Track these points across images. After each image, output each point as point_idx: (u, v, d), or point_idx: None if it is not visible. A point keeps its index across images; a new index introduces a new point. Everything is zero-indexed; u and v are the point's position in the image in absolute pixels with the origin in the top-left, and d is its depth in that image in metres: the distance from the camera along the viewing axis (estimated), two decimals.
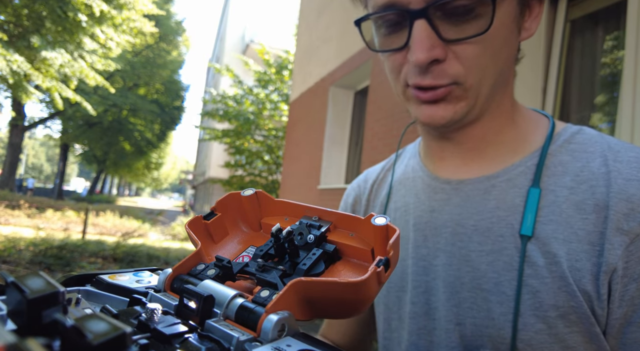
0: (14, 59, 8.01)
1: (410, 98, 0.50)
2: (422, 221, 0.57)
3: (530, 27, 0.50)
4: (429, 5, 0.43)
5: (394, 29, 0.48)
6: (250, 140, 10.69)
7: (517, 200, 0.50)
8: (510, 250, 0.48)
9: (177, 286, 0.34)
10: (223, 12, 27.96)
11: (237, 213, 0.45)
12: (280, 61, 10.68)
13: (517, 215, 0.49)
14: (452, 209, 0.54)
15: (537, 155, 0.51)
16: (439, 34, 0.44)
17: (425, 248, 0.56)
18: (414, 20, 0.44)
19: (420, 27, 0.44)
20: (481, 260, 0.50)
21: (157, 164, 31.95)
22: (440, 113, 0.48)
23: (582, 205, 0.46)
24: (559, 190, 0.48)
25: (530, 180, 0.50)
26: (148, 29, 11.13)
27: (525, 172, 0.51)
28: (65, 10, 8.79)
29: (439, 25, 0.44)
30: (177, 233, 10.49)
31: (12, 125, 16.41)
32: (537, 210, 0.48)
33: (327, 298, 0.31)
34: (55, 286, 0.21)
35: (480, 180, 0.53)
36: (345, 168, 5.30)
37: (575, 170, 0.48)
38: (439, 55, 0.44)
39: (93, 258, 5.71)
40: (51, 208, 11.73)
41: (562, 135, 0.52)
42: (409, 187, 0.62)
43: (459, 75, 0.46)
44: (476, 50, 0.45)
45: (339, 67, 5.03)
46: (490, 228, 0.51)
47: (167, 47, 23.42)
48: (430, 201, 0.57)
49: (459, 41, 0.44)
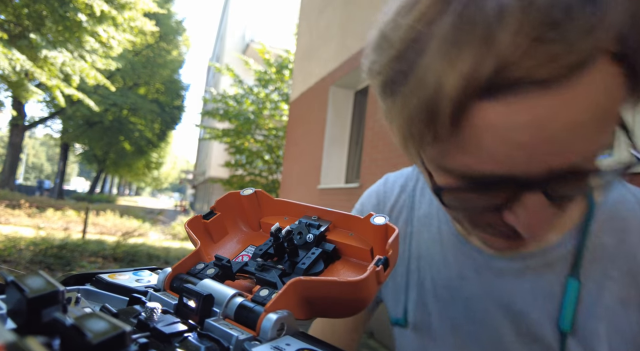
0: (16, 57, 8.02)
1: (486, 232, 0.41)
2: (451, 284, 0.52)
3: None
4: (552, 178, 0.32)
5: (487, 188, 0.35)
6: (250, 139, 10.69)
7: (555, 288, 0.45)
8: (547, 339, 0.45)
9: (176, 286, 0.34)
10: (223, 12, 27.96)
11: (237, 213, 0.45)
12: (280, 60, 10.68)
13: (555, 303, 0.45)
14: (484, 283, 0.49)
15: (575, 234, 0.45)
16: (553, 202, 0.34)
17: (455, 311, 0.52)
18: (526, 191, 0.33)
19: (536, 202, 0.33)
20: (512, 340, 0.47)
21: (157, 164, 31.94)
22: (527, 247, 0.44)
23: (627, 301, 0.42)
24: (600, 279, 0.43)
25: (569, 265, 0.45)
26: (149, 28, 11.14)
27: (564, 256, 0.45)
28: (66, 9, 8.79)
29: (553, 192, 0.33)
30: (177, 232, 10.50)
31: (13, 125, 16.41)
32: (577, 302, 0.43)
33: (326, 297, 0.31)
34: (55, 286, 0.21)
35: (515, 259, 0.48)
36: (345, 168, 5.30)
37: (620, 257, 0.43)
38: (551, 220, 0.35)
39: (93, 257, 5.71)
40: (51, 207, 11.74)
41: (604, 207, 0.45)
42: (433, 236, 0.55)
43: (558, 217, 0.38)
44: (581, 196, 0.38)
45: (340, 66, 5.03)
46: (524, 311, 0.46)
47: (168, 47, 23.41)
48: (459, 266, 0.52)
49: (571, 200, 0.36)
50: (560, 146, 0.30)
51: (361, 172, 4.21)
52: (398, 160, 3.45)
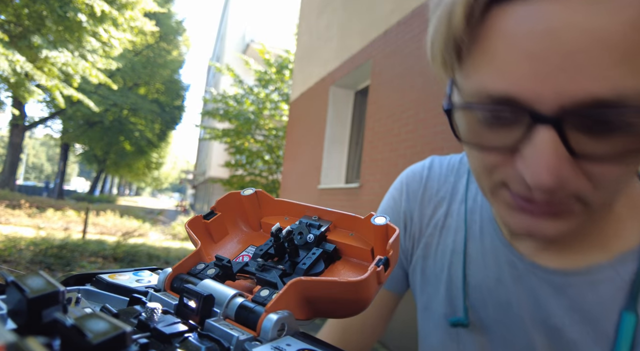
0: (16, 59, 8.03)
1: (503, 200, 0.38)
2: (486, 286, 0.50)
3: None
4: (565, 112, 0.29)
5: (501, 122, 0.34)
6: (250, 139, 10.69)
7: (600, 311, 0.41)
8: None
9: (177, 286, 0.34)
10: (223, 12, 27.96)
11: (237, 213, 0.45)
12: (280, 61, 10.68)
13: (597, 328, 0.42)
14: (520, 291, 0.47)
15: (634, 259, 0.41)
16: (570, 148, 0.31)
17: (484, 312, 0.50)
18: (538, 125, 0.31)
19: (546, 138, 0.31)
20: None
21: (157, 164, 31.96)
22: (544, 230, 0.37)
23: None
24: None
25: (618, 289, 0.41)
26: (149, 28, 11.15)
27: (614, 278, 0.41)
28: (66, 10, 8.80)
29: (570, 136, 0.30)
30: (178, 232, 10.50)
31: (13, 125, 16.42)
32: (634, 339, 0.39)
33: (326, 297, 0.31)
34: (55, 286, 0.21)
35: (557, 272, 0.44)
36: (345, 168, 5.30)
37: None
38: (568, 176, 0.32)
39: (93, 257, 5.71)
40: (51, 207, 11.74)
41: None
42: (474, 234, 0.53)
43: (586, 195, 0.34)
44: (616, 171, 0.32)
45: (340, 66, 5.03)
46: (561, 329, 0.44)
47: (168, 47, 23.43)
48: (498, 269, 0.49)
49: (596, 159, 0.31)
50: (576, 65, 0.27)
51: (361, 172, 4.21)
52: (398, 160, 3.46)
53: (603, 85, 0.27)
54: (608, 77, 0.27)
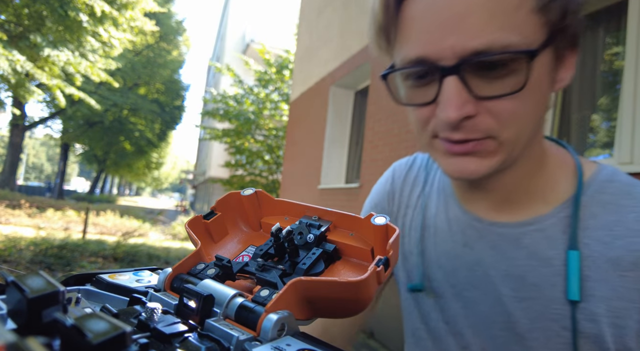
0: (17, 58, 8.02)
1: (438, 150, 0.48)
2: (455, 253, 0.57)
3: (564, 78, 0.48)
4: (462, 62, 0.41)
5: (423, 82, 0.46)
6: (250, 139, 10.69)
7: (551, 253, 0.49)
8: (543, 301, 0.49)
9: (177, 286, 0.34)
10: (223, 12, 27.97)
11: (237, 213, 0.45)
12: (280, 61, 10.68)
13: (554, 270, 0.49)
14: (483, 249, 0.54)
15: (567, 206, 0.50)
16: (470, 91, 0.42)
17: (455, 278, 0.57)
18: (444, 77, 0.42)
19: (451, 84, 0.42)
20: (515, 306, 0.51)
21: (157, 164, 31.96)
22: (471, 167, 0.46)
23: (619, 261, 0.46)
24: (592, 244, 0.47)
25: (561, 232, 0.49)
26: (149, 28, 11.15)
27: (556, 223, 0.50)
28: (66, 9, 8.80)
29: (470, 82, 0.42)
30: (178, 232, 10.50)
31: (13, 125, 16.42)
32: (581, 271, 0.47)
33: (326, 297, 0.31)
34: (55, 286, 0.21)
35: (511, 225, 0.53)
36: (345, 168, 5.30)
37: (609, 224, 0.47)
38: (470, 111, 0.42)
39: (93, 257, 5.71)
40: (51, 207, 11.74)
41: (592, 185, 0.51)
42: (440, 208, 0.61)
43: (492, 130, 0.44)
44: (510, 106, 0.43)
45: (340, 66, 5.03)
46: (523, 276, 0.51)
47: (168, 47, 23.43)
48: (463, 234, 0.57)
49: (492, 99, 0.42)
50: (461, 29, 0.40)
51: (361, 172, 4.21)
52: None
53: (478, 40, 0.40)
54: (481, 34, 0.40)
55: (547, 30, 0.42)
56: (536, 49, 0.41)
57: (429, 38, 0.42)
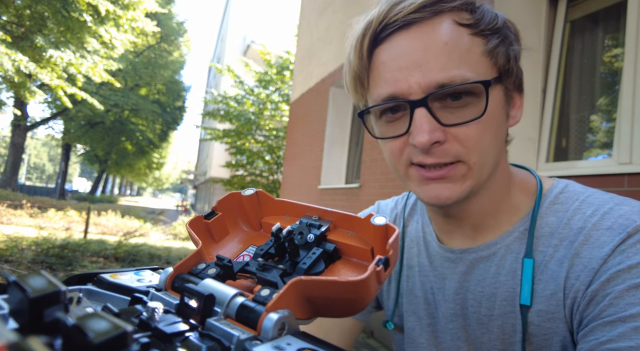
0: (19, 59, 8.04)
1: (413, 178, 0.53)
2: (436, 286, 0.62)
3: (515, 116, 0.55)
4: (428, 95, 0.48)
5: (395, 117, 0.52)
6: (251, 140, 10.69)
7: (515, 265, 0.54)
8: (514, 314, 0.53)
9: (178, 285, 0.34)
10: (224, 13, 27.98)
11: (238, 213, 0.45)
12: (281, 62, 10.68)
13: (517, 280, 0.54)
14: (460, 277, 0.59)
15: (527, 220, 0.56)
16: (437, 120, 0.48)
17: (437, 311, 0.62)
18: (414, 109, 0.48)
19: (420, 114, 0.48)
20: (493, 324, 0.55)
21: (158, 164, 31.98)
22: (445, 193, 0.51)
23: (562, 259, 0.50)
24: (546, 250, 0.52)
25: (522, 244, 0.54)
26: (150, 29, 11.16)
27: (519, 237, 0.55)
28: (69, 10, 8.81)
29: (437, 113, 0.49)
30: (179, 232, 10.50)
31: (15, 125, 16.44)
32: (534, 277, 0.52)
33: (327, 297, 0.31)
34: (57, 286, 0.22)
35: (482, 248, 0.58)
36: (345, 168, 5.30)
37: (559, 229, 0.52)
38: (439, 137, 0.48)
39: (95, 257, 5.71)
40: (53, 207, 11.76)
41: (548, 197, 0.56)
42: (421, 248, 0.66)
43: (461, 154, 0.49)
44: (474, 132, 0.49)
45: (340, 67, 5.03)
46: (495, 293, 0.55)
47: (169, 48, 23.45)
48: (441, 267, 0.62)
49: (457, 125, 0.48)
50: (424, 67, 0.47)
51: (361, 172, 4.21)
52: None
53: (440, 75, 0.47)
54: (443, 70, 0.47)
55: (496, 70, 0.50)
56: (490, 80, 0.48)
57: (398, 77, 0.49)
